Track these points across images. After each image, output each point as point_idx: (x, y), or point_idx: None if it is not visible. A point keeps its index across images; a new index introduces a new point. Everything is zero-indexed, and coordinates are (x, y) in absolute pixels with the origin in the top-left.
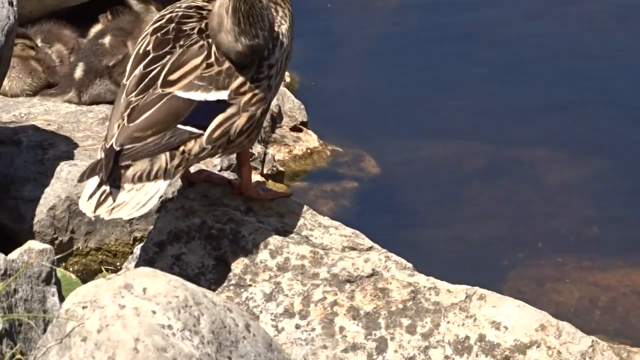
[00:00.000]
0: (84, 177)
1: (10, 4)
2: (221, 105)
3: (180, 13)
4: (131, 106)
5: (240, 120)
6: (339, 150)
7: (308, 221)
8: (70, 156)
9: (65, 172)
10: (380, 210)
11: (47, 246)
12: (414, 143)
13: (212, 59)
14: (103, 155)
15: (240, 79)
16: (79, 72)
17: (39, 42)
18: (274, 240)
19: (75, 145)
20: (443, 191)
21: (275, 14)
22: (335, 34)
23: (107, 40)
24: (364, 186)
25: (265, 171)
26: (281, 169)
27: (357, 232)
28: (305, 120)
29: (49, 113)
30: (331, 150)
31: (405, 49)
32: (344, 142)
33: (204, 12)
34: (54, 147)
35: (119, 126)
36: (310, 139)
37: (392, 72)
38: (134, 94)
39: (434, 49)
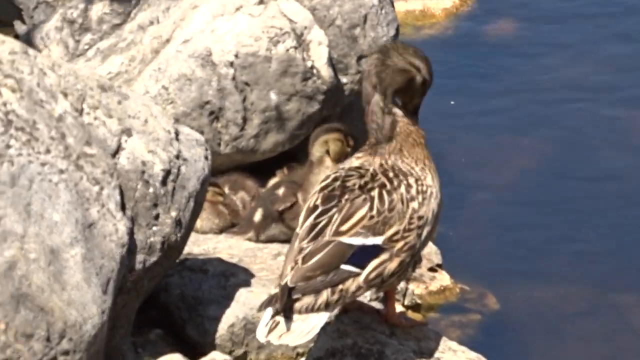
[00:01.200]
0: (262, 307)
1: (206, 158)
2: (376, 250)
3: (343, 174)
4: (304, 251)
5: (392, 265)
6: (467, 289)
7: (440, 345)
8: (247, 284)
9: (244, 297)
10: (499, 339)
11: (227, 357)
12: (528, 284)
13: (374, 211)
14: (279, 290)
15: (394, 229)
16: (258, 216)
17: (226, 190)
18: (412, 359)
19: (252, 275)
20: (550, 326)
21: (416, 166)
22: (467, 189)
23: (281, 191)
24: (486, 319)
25: (406, 303)
26: (419, 301)
27: (480, 355)
28: (440, 262)
29: (231, 248)
30: (460, 288)
31: (521, 208)
32: (471, 282)
33: (362, 171)
34: (234, 276)
35: (292, 268)
36: (443, 278)
37: (510, 225)
38: (305, 241)
39: (542, 207)
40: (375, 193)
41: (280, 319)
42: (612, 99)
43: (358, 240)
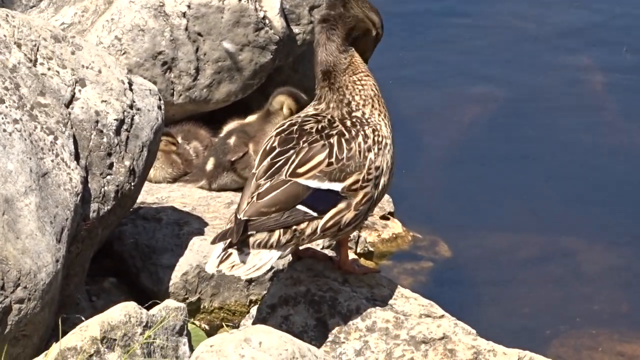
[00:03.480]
0: (216, 240)
1: (159, 108)
2: (332, 195)
3: (300, 120)
4: (260, 188)
5: (349, 215)
6: (419, 237)
7: (392, 292)
8: (201, 232)
9: (197, 245)
10: (451, 286)
11: (181, 304)
12: (479, 232)
13: (333, 158)
14: (233, 223)
15: (354, 178)
16: (210, 165)
17: (179, 139)
18: (365, 306)
19: (206, 224)
20: (501, 273)
21: (372, 116)
22: (419, 139)
23: (232, 141)
24: (437, 266)
25: (358, 250)
26: (371, 249)
27: (432, 302)
28: (392, 210)
29: (185, 197)
30: (412, 236)
31: (474, 155)
32: (423, 230)
33: (319, 117)
34: (188, 225)
35: (248, 203)
36: (395, 226)
37: (463, 173)
38: (262, 179)
39: (496, 155)
40: (334, 140)
41: (232, 251)
42: (566, 46)
43: (314, 183)
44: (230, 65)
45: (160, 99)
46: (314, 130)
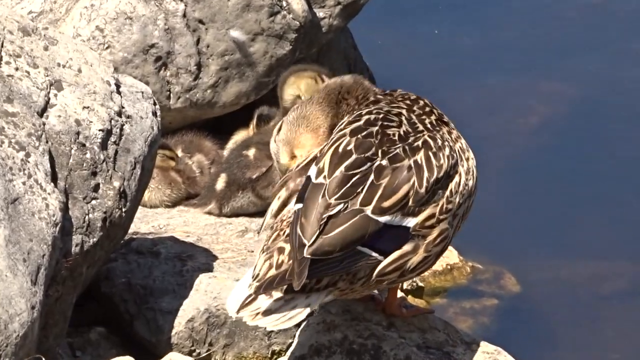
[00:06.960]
0: (272, 284)
1: (154, 114)
2: (402, 233)
3: (381, 116)
4: (329, 211)
5: (416, 258)
6: (479, 267)
7: (450, 337)
8: (209, 268)
9: (204, 284)
10: (521, 328)
11: (189, 359)
12: (554, 261)
13: (423, 189)
14: (295, 260)
15: (429, 212)
16: (220, 184)
17: (179, 153)
18: (416, 356)
19: (215, 258)
20: (583, 310)
21: (453, 144)
22: (477, 147)
23: (251, 153)
24: (504, 304)
25: (405, 286)
26: (421, 284)
27: (500, 349)
28: None
29: (188, 224)
30: (471, 266)
31: (545, 166)
32: (484, 259)
33: (401, 117)
34: (192, 259)
35: (318, 233)
36: (450, 255)
37: (532, 189)
38: (334, 197)
39: (573, 166)
40: (421, 158)
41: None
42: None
43: (384, 218)
44: (240, 60)
45: (155, 104)
46: (396, 137)
